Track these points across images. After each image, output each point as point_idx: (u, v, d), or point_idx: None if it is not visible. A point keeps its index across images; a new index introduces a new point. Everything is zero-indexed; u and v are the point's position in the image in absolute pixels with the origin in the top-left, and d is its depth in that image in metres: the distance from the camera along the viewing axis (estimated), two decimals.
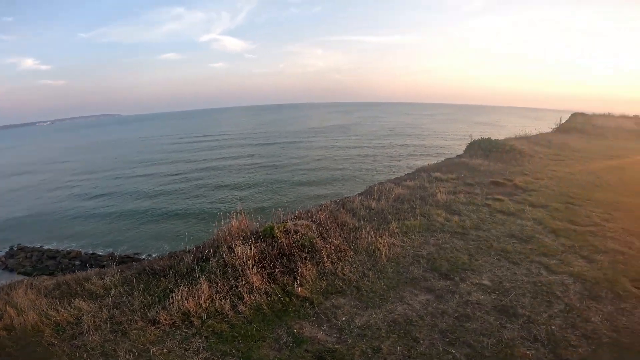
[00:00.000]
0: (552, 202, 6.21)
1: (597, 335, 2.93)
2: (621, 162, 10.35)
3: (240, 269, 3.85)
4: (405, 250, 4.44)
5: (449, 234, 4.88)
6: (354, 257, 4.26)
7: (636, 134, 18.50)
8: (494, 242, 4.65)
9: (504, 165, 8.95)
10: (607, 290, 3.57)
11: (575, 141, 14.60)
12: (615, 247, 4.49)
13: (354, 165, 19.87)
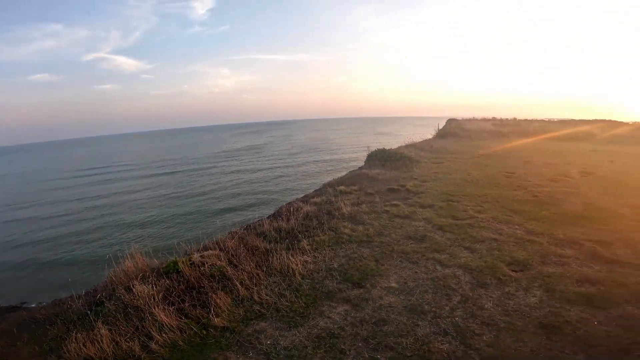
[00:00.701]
0: (436, 201, 7.05)
1: (494, 321, 3.27)
2: (484, 160, 12.46)
3: (144, 309, 3.58)
4: (318, 265, 4.54)
5: (356, 244, 5.16)
6: (269, 279, 4.24)
7: (493, 133, 22.47)
8: (395, 245, 5.04)
9: (397, 173, 10.00)
10: (490, 276, 4.07)
11: (450, 144, 17.07)
12: (489, 236, 5.23)
13: (270, 187, 19.38)
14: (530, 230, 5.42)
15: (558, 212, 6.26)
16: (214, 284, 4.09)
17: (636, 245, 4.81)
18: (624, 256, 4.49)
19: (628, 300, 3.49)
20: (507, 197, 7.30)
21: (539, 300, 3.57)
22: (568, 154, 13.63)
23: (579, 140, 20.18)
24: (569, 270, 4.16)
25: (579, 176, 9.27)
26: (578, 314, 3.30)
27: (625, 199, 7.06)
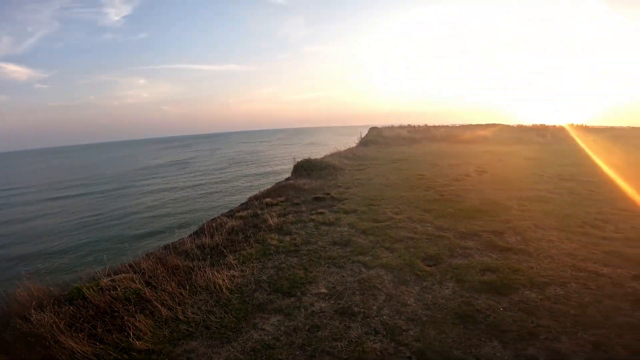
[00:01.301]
0: (359, 206, 7.39)
1: (417, 316, 3.43)
2: (400, 164, 13.45)
3: (47, 337, 3.17)
4: (247, 279, 4.44)
5: (284, 254, 5.13)
6: (194, 298, 4.02)
7: (408, 139, 24.49)
8: (322, 252, 5.13)
9: (323, 181, 10.26)
10: (409, 273, 4.30)
11: (372, 151, 18.13)
12: (406, 235, 5.59)
13: (197, 205, 17.81)
14: (439, 227, 5.96)
15: (460, 208, 7.00)
16: (130, 307, 3.72)
17: (523, 232, 5.56)
18: (515, 243, 5.13)
19: (524, 285, 3.90)
20: (420, 197, 7.97)
21: (452, 292, 3.85)
22: (467, 156, 15.44)
23: (476, 143, 23.00)
24: (473, 260, 4.60)
25: (475, 175, 10.55)
26: (486, 302, 3.60)
27: (511, 192, 8.21)
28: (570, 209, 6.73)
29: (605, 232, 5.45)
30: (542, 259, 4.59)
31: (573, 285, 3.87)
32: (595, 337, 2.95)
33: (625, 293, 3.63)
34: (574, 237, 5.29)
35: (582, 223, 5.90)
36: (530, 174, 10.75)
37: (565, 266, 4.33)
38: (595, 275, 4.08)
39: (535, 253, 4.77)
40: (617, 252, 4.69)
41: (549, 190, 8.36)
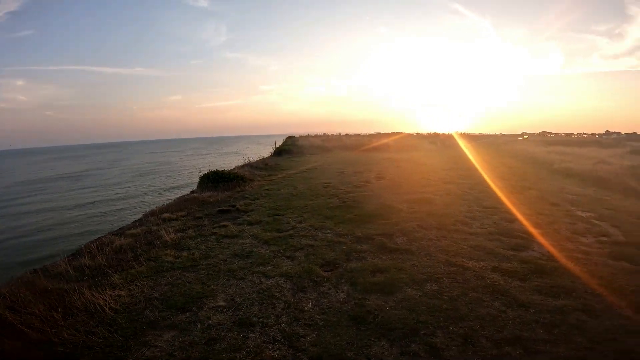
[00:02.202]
0: (264, 217, 7.28)
1: (314, 321, 3.44)
2: (309, 173, 13.74)
3: None
4: (135, 297, 4.05)
5: (180, 270, 4.79)
6: (70, 320, 3.53)
7: (321, 148, 25.35)
8: (222, 265, 4.90)
9: (230, 193, 9.85)
10: (308, 280, 4.32)
11: (285, 161, 18.23)
12: (307, 242, 5.63)
13: (91, 226, 15.54)
14: (339, 233, 6.16)
15: (359, 213, 7.37)
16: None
17: (409, 233, 6.05)
18: (402, 244, 5.51)
19: (407, 283, 4.15)
20: (323, 205, 8.18)
21: (347, 295, 3.96)
22: (370, 163, 16.58)
23: (380, 150, 24.93)
24: (366, 263, 4.80)
25: (375, 181, 11.34)
26: (375, 302, 3.74)
27: (403, 196, 8.98)
28: (447, 209, 7.62)
29: (472, 229, 6.27)
30: (422, 256, 5.02)
31: (445, 280, 4.27)
32: (464, 329, 3.22)
33: (486, 285, 4.11)
34: (448, 235, 5.95)
35: (455, 221, 6.70)
36: (420, 178, 11.97)
37: (440, 262, 4.80)
38: (462, 269, 4.57)
39: (418, 252, 5.20)
40: (481, 246, 5.40)
41: (433, 193, 9.37)
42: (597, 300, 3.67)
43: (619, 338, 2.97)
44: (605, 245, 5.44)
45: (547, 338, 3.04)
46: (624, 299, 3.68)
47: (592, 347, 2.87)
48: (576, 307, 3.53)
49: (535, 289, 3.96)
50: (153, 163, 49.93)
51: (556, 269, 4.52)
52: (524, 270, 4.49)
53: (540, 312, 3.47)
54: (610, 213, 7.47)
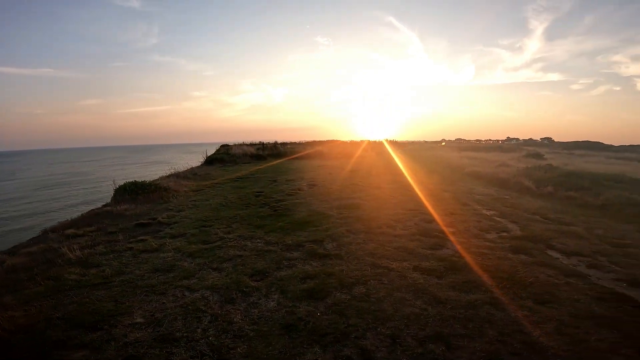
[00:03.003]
0: (189, 229, 6.79)
1: (244, 332, 3.29)
2: (242, 183, 13.29)
3: None
4: (33, 318, 3.56)
5: (88, 288, 4.28)
6: None
7: (255, 156, 24.81)
8: (139, 281, 4.48)
9: (151, 205, 9.03)
10: (236, 291, 4.15)
11: (216, 170, 17.41)
12: (235, 253, 5.41)
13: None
14: (269, 241, 6.01)
15: (290, 221, 7.28)
16: None
17: (339, 238, 6.13)
18: (331, 249, 5.56)
19: (337, 288, 4.17)
20: (254, 214, 7.93)
21: (277, 303, 3.85)
22: (304, 171, 16.68)
23: (314, 158, 25.28)
24: (296, 270, 4.74)
25: (307, 188, 11.37)
26: (306, 309, 3.70)
27: (333, 202, 9.14)
28: (374, 213, 7.92)
29: (396, 231, 6.59)
30: (351, 260, 5.10)
31: (372, 282, 4.38)
32: (391, 330, 3.31)
33: (408, 284, 4.29)
34: (375, 238, 6.16)
35: (381, 225, 6.98)
36: (350, 184, 12.33)
37: (367, 265, 4.92)
38: (387, 270, 4.73)
39: (346, 256, 5.27)
40: (403, 247, 5.68)
41: (361, 198, 9.71)
42: (503, 293, 4.03)
43: (524, 329, 3.27)
44: (506, 240, 6.12)
45: (464, 333, 3.23)
46: (524, 290, 4.11)
47: (503, 340, 3.11)
48: (485, 300, 3.84)
49: (450, 286, 4.24)
50: (63, 174, 43.96)
51: (467, 265, 4.92)
52: (440, 268, 4.81)
53: (456, 307, 3.70)
54: (509, 210, 8.50)
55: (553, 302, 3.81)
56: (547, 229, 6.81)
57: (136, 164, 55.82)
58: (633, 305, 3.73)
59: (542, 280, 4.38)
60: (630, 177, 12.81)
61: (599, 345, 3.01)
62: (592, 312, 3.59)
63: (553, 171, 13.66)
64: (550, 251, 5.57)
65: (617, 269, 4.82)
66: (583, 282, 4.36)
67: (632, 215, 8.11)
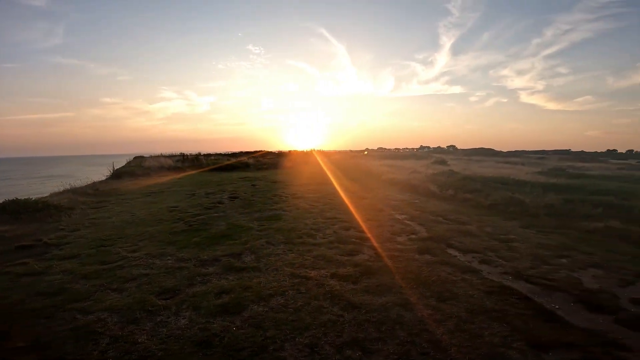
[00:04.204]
0: (85, 250, 6.00)
1: (151, 352, 3.07)
2: (154, 197, 12.17)
3: None
4: None
5: None
6: None
7: (173, 168, 23.13)
8: (18, 306, 3.98)
9: (37, 225, 7.69)
10: (140, 311, 3.82)
11: (124, 184, 15.68)
12: (141, 272, 4.95)
13: None
14: (181, 258, 5.59)
15: (207, 235, 6.86)
16: None
17: (257, 250, 5.95)
18: (249, 262, 5.38)
19: (254, 301, 4.05)
20: (166, 230, 7.30)
21: (189, 321, 3.63)
22: (226, 183, 16.02)
23: (239, 169, 24.54)
24: (211, 286, 4.51)
25: (228, 201, 10.92)
26: (221, 324, 3.54)
27: (254, 214, 8.91)
28: (294, 223, 7.92)
29: (316, 239, 6.66)
30: (269, 272, 5.00)
31: (290, 292, 4.33)
32: (309, 339, 3.27)
33: (325, 292, 4.32)
34: (294, 248, 6.13)
35: (301, 234, 6.99)
36: (273, 195, 12.21)
37: (285, 276, 4.86)
38: (306, 279, 4.73)
39: (265, 268, 5.16)
40: (322, 255, 5.74)
41: (283, 209, 9.65)
42: (410, 293, 4.29)
43: (429, 328, 3.48)
44: (414, 241, 6.62)
45: (378, 336, 3.34)
46: (428, 289, 4.43)
47: (412, 340, 3.27)
48: (396, 302, 4.05)
49: (365, 290, 4.39)
50: None
51: (380, 268, 5.17)
52: (356, 273, 4.96)
53: (370, 311, 3.83)
54: (418, 214, 9.27)
55: (452, 298, 4.15)
56: (448, 229, 7.57)
57: (28, 179, 47.56)
58: (517, 298, 4.21)
59: (443, 278, 4.79)
60: (514, 179, 15.11)
61: (492, 339, 3.29)
62: (484, 306, 3.96)
63: (454, 176, 15.40)
64: (450, 250, 6.17)
65: (504, 263, 5.49)
66: (476, 278, 4.86)
67: (515, 213, 9.49)
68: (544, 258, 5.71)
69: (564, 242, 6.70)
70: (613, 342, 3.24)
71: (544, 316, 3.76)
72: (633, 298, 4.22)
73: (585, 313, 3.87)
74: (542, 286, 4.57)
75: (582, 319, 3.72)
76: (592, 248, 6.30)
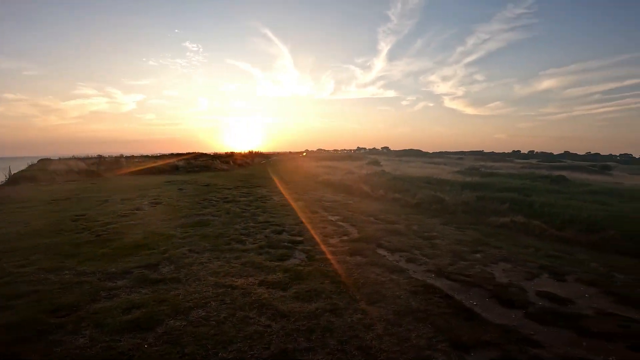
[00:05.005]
0: None
1: None
2: (56, 206, 10.59)
3: None
4: None
5: None
6: None
7: (86, 172, 20.52)
8: None
9: None
10: (30, 329, 3.35)
11: (23, 190, 13.42)
12: (32, 289, 4.26)
13: None
14: (82, 272, 4.88)
15: (118, 246, 6.10)
16: None
17: (178, 260, 5.44)
18: (167, 273, 4.90)
19: (170, 315, 3.67)
20: (66, 242, 6.32)
21: (90, 339, 3.20)
22: (149, 187, 14.65)
23: (167, 172, 22.74)
24: (118, 301, 4.01)
25: (148, 207, 9.94)
26: (130, 342, 3.15)
27: (178, 220, 8.21)
28: (223, 229, 7.46)
29: (246, 245, 6.31)
30: (190, 283, 4.58)
31: (213, 303, 3.98)
32: (233, 353, 3.01)
33: (252, 301, 4.05)
34: (221, 255, 5.73)
35: (230, 240, 6.59)
36: (203, 199, 11.47)
37: (208, 286, 4.48)
38: (231, 289, 4.40)
39: (185, 279, 4.72)
40: (251, 261, 5.43)
41: (211, 213, 9.08)
42: (340, 298, 4.20)
43: (359, 334, 3.39)
44: (346, 243, 6.64)
45: (308, 346, 3.17)
46: (358, 292, 4.38)
47: (342, 348, 3.16)
48: (325, 308, 3.91)
49: (294, 297, 4.20)
50: None
51: (310, 272, 5.03)
52: (285, 279, 4.76)
53: (299, 319, 3.65)
54: (350, 214, 9.44)
55: (381, 301, 4.14)
56: (378, 229, 7.79)
57: None
58: (439, 296, 4.34)
59: (372, 280, 4.79)
60: (437, 179, 16.36)
61: (419, 342, 3.30)
62: (410, 307, 4.01)
63: (385, 176, 16.15)
64: (380, 250, 6.29)
65: (427, 261, 5.72)
66: (403, 277, 4.95)
67: (437, 210, 10.20)
68: (462, 254, 6.11)
69: (478, 237, 7.31)
70: (526, 339, 3.40)
71: (464, 314, 3.88)
72: (538, 291, 4.59)
73: (499, 308, 4.09)
74: (461, 282, 4.81)
75: (497, 315, 3.91)
76: (501, 242, 6.97)
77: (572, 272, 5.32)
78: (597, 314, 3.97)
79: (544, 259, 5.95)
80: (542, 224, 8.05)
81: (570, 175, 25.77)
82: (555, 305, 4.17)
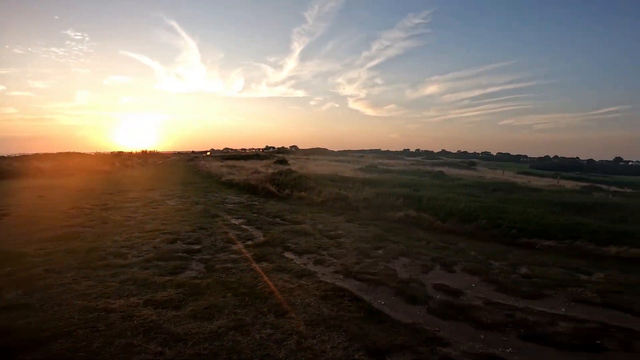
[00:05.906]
0: None
1: None
2: None
3: None
4: None
5: None
6: None
7: None
8: None
9: None
10: None
11: None
12: None
13: None
14: None
15: None
16: None
17: (30, 283, 4.30)
18: (14, 299, 3.88)
19: (19, 348, 2.96)
20: None
21: None
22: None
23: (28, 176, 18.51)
24: None
25: None
26: None
27: (35, 234, 6.55)
28: (98, 241, 6.21)
29: (127, 259, 5.32)
30: (47, 309, 3.66)
31: (81, 332, 3.23)
32: None
33: (136, 325, 3.36)
34: (92, 273, 4.70)
35: (105, 255, 5.49)
36: (70, 207, 9.50)
37: (74, 311, 3.62)
38: (105, 312, 3.62)
39: (40, 304, 3.76)
40: (133, 278, 4.56)
41: (82, 224, 7.53)
42: (245, 312, 3.72)
43: (270, 353, 2.99)
44: (250, 248, 6.12)
45: None
46: (265, 304, 3.94)
47: None
48: (230, 325, 3.41)
49: (191, 316, 3.60)
50: None
51: (210, 285, 4.40)
52: (179, 295, 4.09)
53: (199, 342, 3.11)
54: (255, 217, 8.98)
55: (290, 311, 3.79)
56: (284, 230, 7.51)
57: None
58: (349, 299, 4.18)
59: (280, 288, 4.42)
60: (340, 176, 16.98)
61: (335, 354, 3.02)
62: (322, 315, 3.75)
63: (291, 175, 16.07)
64: (287, 253, 5.95)
65: (335, 261, 5.59)
66: (312, 282, 4.68)
67: (341, 208, 10.48)
68: (366, 251, 6.19)
69: (379, 233, 7.61)
70: (434, 338, 3.39)
71: (374, 317, 3.77)
72: (435, 284, 4.78)
73: (405, 306, 4.10)
74: (368, 282, 4.76)
75: (404, 314, 3.89)
76: (398, 237, 7.32)
77: (458, 262, 5.77)
78: (485, 304, 4.23)
79: (434, 251, 6.36)
80: (429, 216, 8.91)
81: (447, 171, 30.04)
82: (450, 298, 4.37)
